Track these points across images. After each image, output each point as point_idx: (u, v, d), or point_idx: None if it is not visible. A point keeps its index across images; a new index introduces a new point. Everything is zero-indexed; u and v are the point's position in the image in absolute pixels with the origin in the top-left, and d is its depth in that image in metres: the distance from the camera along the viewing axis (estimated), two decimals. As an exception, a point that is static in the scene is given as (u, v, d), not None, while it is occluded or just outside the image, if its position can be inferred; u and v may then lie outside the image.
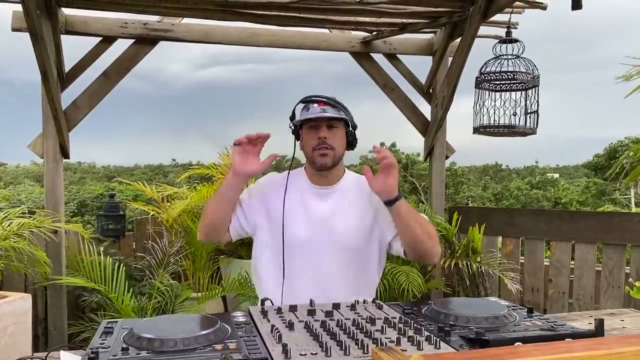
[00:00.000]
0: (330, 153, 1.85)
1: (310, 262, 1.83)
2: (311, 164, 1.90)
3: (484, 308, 1.52)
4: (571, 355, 1.05)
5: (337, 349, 1.17)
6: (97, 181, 32.07)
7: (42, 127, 3.43)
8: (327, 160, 1.85)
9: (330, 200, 1.90)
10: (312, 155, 1.87)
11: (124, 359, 1.12)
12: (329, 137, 1.85)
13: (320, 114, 1.81)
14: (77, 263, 3.51)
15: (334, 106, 1.86)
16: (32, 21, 2.68)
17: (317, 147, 1.84)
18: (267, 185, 1.94)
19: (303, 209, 1.88)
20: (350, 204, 1.91)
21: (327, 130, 1.85)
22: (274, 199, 1.89)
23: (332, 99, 1.87)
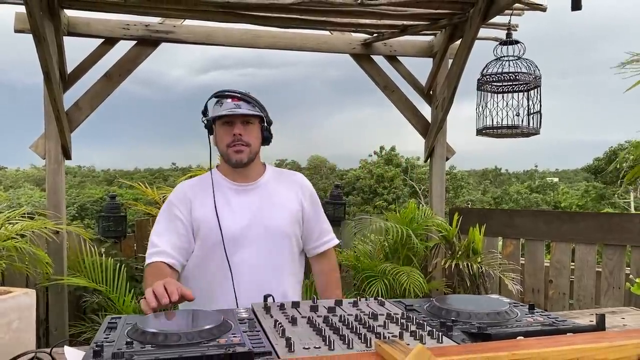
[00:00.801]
0: (245, 149, 1.84)
1: (246, 255, 1.83)
2: (226, 161, 1.88)
3: (486, 304, 1.53)
4: (573, 347, 1.05)
5: (340, 343, 1.18)
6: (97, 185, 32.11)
7: (44, 128, 3.44)
8: (242, 156, 1.84)
9: (254, 196, 1.90)
10: (226, 152, 1.85)
11: (128, 352, 1.12)
12: (244, 134, 1.83)
13: (234, 110, 1.79)
14: (78, 264, 3.52)
15: (248, 101, 1.83)
16: (35, 22, 2.69)
17: (232, 144, 1.82)
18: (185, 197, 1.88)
19: (228, 207, 1.86)
20: (275, 197, 1.92)
21: (241, 127, 1.82)
22: (197, 206, 1.85)
23: (245, 94, 1.85)
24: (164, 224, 1.86)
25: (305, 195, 1.98)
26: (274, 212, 1.89)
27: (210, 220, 1.82)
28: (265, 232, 1.86)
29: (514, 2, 3.04)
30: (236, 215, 1.85)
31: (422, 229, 3.76)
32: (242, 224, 1.84)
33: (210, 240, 1.82)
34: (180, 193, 1.90)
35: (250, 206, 1.87)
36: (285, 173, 2.06)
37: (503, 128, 3.31)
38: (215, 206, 1.83)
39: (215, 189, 1.87)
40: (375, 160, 28.95)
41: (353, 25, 3.73)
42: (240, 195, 1.89)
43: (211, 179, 1.89)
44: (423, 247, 3.77)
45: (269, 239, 1.87)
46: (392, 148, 28.81)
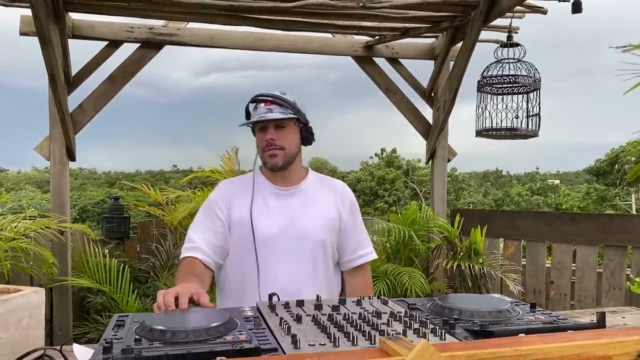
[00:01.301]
0: (279, 153, 1.83)
1: (279, 259, 1.82)
2: (265, 165, 1.88)
3: (488, 303, 1.55)
4: (574, 344, 1.07)
5: (345, 339, 1.20)
6: (98, 187, 32.17)
7: (49, 130, 3.47)
8: (277, 160, 1.83)
9: (293, 200, 1.89)
10: (263, 156, 1.85)
11: (137, 348, 1.14)
12: (278, 138, 1.82)
13: (263, 116, 1.79)
14: (82, 264, 3.54)
15: (280, 104, 1.81)
16: (41, 25, 2.72)
17: (266, 149, 1.82)
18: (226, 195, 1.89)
19: (266, 210, 1.86)
20: (313, 203, 1.90)
21: (274, 131, 1.82)
22: (237, 202, 1.86)
23: (278, 97, 1.82)
24: (202, 221, 1.87)
25: (345, 204, 1.95)
26: (311, 219, 1.87)
27: (246, 221, 1.83)
28: (299, 238, 1.85)
29: (515, 4, 3.06)
30: (272, 219, 1.84)
31: (424, 230, 3.78)
32: (276, 228, 1.83)
33: (244, 242, 1.82)
34: (222, 191, 1.92)
35: (287, 211, 1.87)
36: (326, 179, 2.04)
37: (502, 130, 3.33)
38: (251, 208, 1.83)
39: (255, 190, 1.87)
40: (376, 162, 28.99)
41: (355, 27, 3.76)
42: (279, 199, 1.88)
43: (253, 180, 1.90)
44: (425, 248, 3.79)
45: (302, 246, 1.85)
46: (393, 150, 28.86)
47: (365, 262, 2.00)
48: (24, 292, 1.36)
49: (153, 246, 4.00)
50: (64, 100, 3.30)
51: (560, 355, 1.04)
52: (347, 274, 2.01)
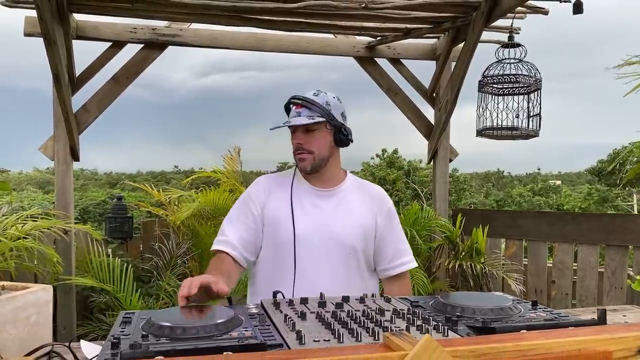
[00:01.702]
0: (308, 157, 1.82)
1: (311, 259, 1.81)
2: (297, 166, 1.89)
3: (490, 300, 1.56)
4: (575, 339, 1.09)
5: (349, 336, 1.22)
6: (100, 188, 32.20)
7: (53, 130, 3.49)
8: (306, 164, 1.82)
9: (329, 202, 1.88)
10: (295, 158, 1.86)
11: (145, 344, 1.16)
12: (306, 142, 1.81)
13: (289, 121, 1.79)
14: (86, 264, 3.56)
15: (310, 107, 1.79)
16: (46, 26, 2.74)
17: (296, 152, 1.83)
18: (262, 192, 1.90)
19: (301, 209, 1.85)
20: (349, 207, 1.89)
21: (302, 135, 1.81)
22: (273, 199, 1.87)
23: (308, 99, 1.80)
24: (237, 215, 1.88)
25: (382, 211, 1.92)
26: (344, 222, 1.86)
27: (282, 217, 1.83)
28: (330, 241, 1.84)
29: (516, 5, 3.08)
30: (305, 219, 1.84)
31: (426, 230, 3.79)
32: (309, 229, 1.83)
33: (277, 239, 1.83)
34: (259, 186, 1.92)
35: (322, 212, 1.86)
36: (365, 184, 2.01)
37: (503, 129, 3.35)
38: (292, 205, 1.84)
39: (294, 188, 1.88)
40: (377, 163, 28.97)
41: (357, 28, 3.77)
42: (314, 200, 1.88)
43: (292, 177, 1.91)
44: (427, 248, 3.81)
45: (334, 249, 1.84)
46: (394, 151, 28.83)
47: (403, 271, 1.95)
48: (32, 290, 1.38)
49: (156, 246, 4.02)
50: (68, 100, 3.33)
51: (561, 351, 1.06)
52: (385, 281, 1.98)
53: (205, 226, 3.97)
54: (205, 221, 4.08)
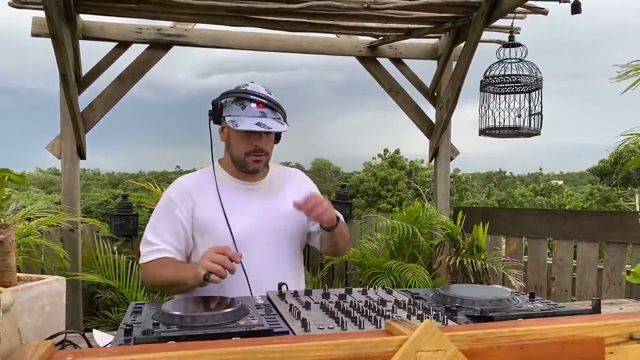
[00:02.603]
0: (264, 159, 1.80)
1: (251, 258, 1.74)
2: (240, 166, 1.81)
3: (489, 292, 1.61)
4: (569, 325, 1.14)
5: (352, 324, 1.26)
6: (102, 188, 32.27)
7: (60, 129, 3.55)
8: (260, 165, 1.80)
9: (259, 195, 1.85)
10: (243, 159, 1.77)
11: (157, 331, 1.21)
12: (266, 143, 1.78)
13: (261, 123, 1.69)
14: (92, 261, 3.62)
15: (273, 108, 1.74)
16: (54, 26, 2.80)
17: (253, 154, 1.76)
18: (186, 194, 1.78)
19: (235, 206, 1.79)
20: (280, 196, 1.87)
21: (264, 138, 1.76)
22: (201, 201, 1.78)
23: (271, 99, 1.74)
24: (162, 223, 1.76)
25: (303, 191, 1.90)
26: (280, 212, 1.84)
27: (218, 220, 1.75)
28: (272, 232, 1.82)
29: (516, 5, 3.12)
30: (244, 216, 1.79)
31: (427, 227, 3.84)
32: (250, 224, 1.79)
33: (219, 241, 1.70)
34: (181, 190, 1.79)
35: (256, 206, 1.82)
36: (286, 171, 2.01)
37: (505, 129, 3.39)
38: (223, 207, 1.75)
39: (220, 187, 1.78)
40: (379, 163, 28.99)
41: (359, 28, 3.82)
42: (246, 194, 1.83)
43: (214, 175, 1.81)
44: (428, 245, 3.85)
45: (275, 239, 1.83)
46: (396, 151, 28.87)
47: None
48: (47, 280, 1.43)
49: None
50: (75, 99, 3.38)
51: (555, 336, 1.11)
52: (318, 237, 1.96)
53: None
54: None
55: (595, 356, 1.12)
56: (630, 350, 1.16)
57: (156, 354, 0.91)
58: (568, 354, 1.10)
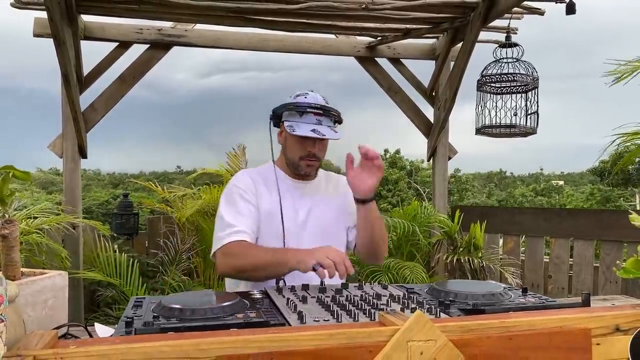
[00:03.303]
0: (317, 164, 1.92)
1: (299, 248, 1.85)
2: (294, 168, 1.93)
3: (482, 287, 1.64)
4: (557, 317, 1.17)
5: (347, 316, 1.30)
6: (103, 188, 32.31)
7: (62, 128, 3.58)
8: (312, 170, 1.92)
9: (310, 194, 1.97)
10: (297, 162, 1.90)
11: (157, 323, 1.24)
12: (319, 149, 1.89)
13: (316, 130, 1.80)
14: (93, 259, 3.65)
15: (329, 117, 1.86)
16: (56, 27, 2.83)
17: (307, 159, 1.88)
18: (251, 183, 1.92)
19: (289, 203, 1.92)
20: (327, 196, 2.00)
21: (318, 144, 1.88)
22: (263, 193, 1.91)
23: (327, 107, 1.86)
24: (237, 206, 1.84)
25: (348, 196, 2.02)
26: (327, 212, 1.96)
27: (274, 214, 1.87)
28: (318, 228, 1.93)
29: (512, 6, 3.15)
30: (295, 212, 1.91)
31: (425, 225, 3.87)
32: (300, 221, 1.91)
33: (270, 234, 1.86)
34: (247, 181, 1.92)
35: (306, 204, 1.94)
36: (331, 175, 2.14)
37: (501, 127, 3.42)
38: (281, 202, 1.88)
39: (279, 182, 1.92)
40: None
41: (358, 29, 3.85)
42: (298, 193, 1.95)
43: (275, 174, 1.94)
44: (426, 243, 3.89)
45: (321, 235, 1.93)
46: (396, 151, 28.89)
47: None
48: (50, 275, 1.46)
49: (161, 242, 4.11)
50: (77, 99, 3.41)
51: (543, 327, 1.14)
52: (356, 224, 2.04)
53: (209, 222, 4.05)
54: (209, 218, 4.16)
55: (582, 347, 1.15)
56: (616, 341, 1.19)
57: (155, 343, 0.95)
58: (556, 344, 1.13)
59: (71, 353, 0.90)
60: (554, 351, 1.13)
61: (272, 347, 0.98)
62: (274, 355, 0.98)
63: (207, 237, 4.00)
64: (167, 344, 0.95)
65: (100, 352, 0.91)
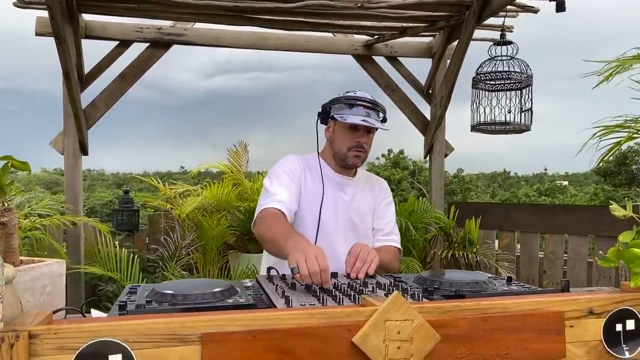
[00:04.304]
0: (363, 155, 2.02)
1: (329, 241, 1.96)
2: (340, 159, 2.03)
3: (467, 276, 1.69)
4: (531, 300, 1.22)
5: (332, 301, 1.35)
6: (107, 188, 32.46)
7: (63, 126, 3.65)
8: (358, 161, 2.03)
9: (349, 190, 2.08)
10: (345, 153, 2.00)
11: (149, 308, 1.30)
12: (367, 141, 2.01)
13: (366, 120, 1.92)
14: (94, 254, 3.71)
15: (375, 110, 1.97)
16: (57, 26, 2.89)
17: (353, 149, 1.99)
18: (299, 168, 2.04)
19: (328, 194, 2.03)
20: (364, 195, 2.12)
21: (366, 135, 2.00)
22: (307, 180, 2.03)
23: (375, 102, 1.98)
24: (281, 178, 1.95)
25: (385, 201, 2.17)
26: (362, 208, 2.08)
27: (313, 202, 1.98)
28: (351, 225, 2.04)
29: (506, 4, 3.19)
30: (332, 204, 2.02)
31: (421, 221, 3.92)
32: (335, 213, 2.02)
33: (306, 221, 1.98)
34: (296, 165, 2.03)
35: (344, 198, 2.05)
36: (371, 176, 2.26)
37: (496, 124, 3.46)
38: (324, 191, 1.99)
39: (322, 173, 2.03)
40: (382, 163, 29.04)
41: (355, 27, 3.89)
42: (338, 186, 2.06)
43: (319, 164, 2.05)
44: (422, 239, 3.93)
45: (352, 231, 2.04)
46: (400, 151, 28.89)
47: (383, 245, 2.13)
48: (47, 262, 1.52)
49: (161, 238, 4.17)
50: (78, 97, 3.48)
51: (517, 310, 1.19)
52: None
53: (209, 219, 4.11)
54: (209, 214, 4.22)
55: (555, 328, 1.20)
56: (590, 324, 1.24)
57: (144, 321, 1.00)
58: (530, 326, 1.18)
59: (64, 329, 0.95)
60: (528, 332, 1.17)
61: (256, 325, 1.03)
62: (257, 333, 1.03)
63: (207, 234, 4.06)
64: (155, 322, 1.00)
65: (92, 329, 0.96)
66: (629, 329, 1.26)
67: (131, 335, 0.97)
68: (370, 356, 1.06)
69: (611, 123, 2.10)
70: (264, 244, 1.90)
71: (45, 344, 0.93)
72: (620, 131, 2.08)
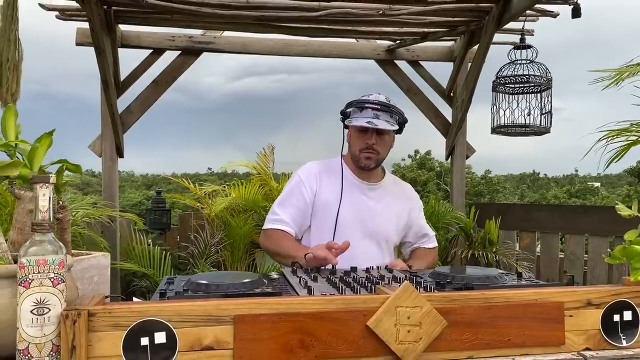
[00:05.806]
0: (374, 157, 2.09)
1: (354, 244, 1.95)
2: (354, 162, 2.13)
3: (479, 271, 1.79)
4: (532, 291, 1.33)
5: (350, 291, 1.48)
6: (136, 189, 33.19)
7: (101, 129, 3.87)
8: (370, 162, 2.09)
9: (371, 196, 2.15)
10: (357, 155, 2.09)
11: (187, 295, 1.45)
12: (377, 143, 2.07)
13: (371, 122, 1.99)
14: (129, 251, 3.92)
15: (386, 111, 2.02)
16: (97, 37, 3.10)
17: (365, 150, 2.07)
18: (313, 176, 2.12)
19: (349, 200, 2.10)
20: (388, 202, 2.17)
21: (375, 137, 2.06)
22: (323, 184, 2.11)
23: (385, 104, 2.02)
24: (288, 197, 2.10)
25: (415, 208, 2.26)
26: (384, 216, 2.14)
27: (331, 207, 2.05)
28: (371, 232, 2.11)
29: (524, 9, 3.26)
30: (353, 209, 2.09)
31: (442, 222, 4.01)
32: (356, 218, 2.09)
33: (325, 226, 2.07)
34: (310, 172, 2.13)
35: (366, 204, 2.12)
36: (399, 182, 2.33)
37: (516, 127, 3.53)
38: (342, 195, 2.08)
39: (342, 178, 2.11)
40: (408, 164, 28.94)
41: (377, 33, 4.01)
42: (360, 192, 2.14)
43: (341, 167, 2.13)
44: (443, 239, 4.02)
45: (372, 238, 2.11)
46: (427, 152, 28.74)
47: (420, 247, 2.29)
48: (94, 255, 1.69)
49: (192, 236, 4.36)
50: (115, 102, 3.68)
51: (520, 300, 1.30)
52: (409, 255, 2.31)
53: (237, 218, 4.28)
54: (237, 214, 4.39)
55: (555, 317, 1.31)
56: (589, 314, 1.34)
57: (184, 304, 1.15)
58: (530, 314, 1.29)
59: (117, 309, 1.11)
60: (529, 320, 1.28)
61: (280, 309, 1.17)
62: (282, 316, 1.17)
63: (235, 232, 4.23)
64: (194, 304, 1.15)
65: (141, 309, 1.12)
66: (627, 320, 1.36)
67: (174, 316, 1.12)
68: (383, 338, 1.19)
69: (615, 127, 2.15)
70: (272, 256, 2.12)
71: (102, 321, 1.09)
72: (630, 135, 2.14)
